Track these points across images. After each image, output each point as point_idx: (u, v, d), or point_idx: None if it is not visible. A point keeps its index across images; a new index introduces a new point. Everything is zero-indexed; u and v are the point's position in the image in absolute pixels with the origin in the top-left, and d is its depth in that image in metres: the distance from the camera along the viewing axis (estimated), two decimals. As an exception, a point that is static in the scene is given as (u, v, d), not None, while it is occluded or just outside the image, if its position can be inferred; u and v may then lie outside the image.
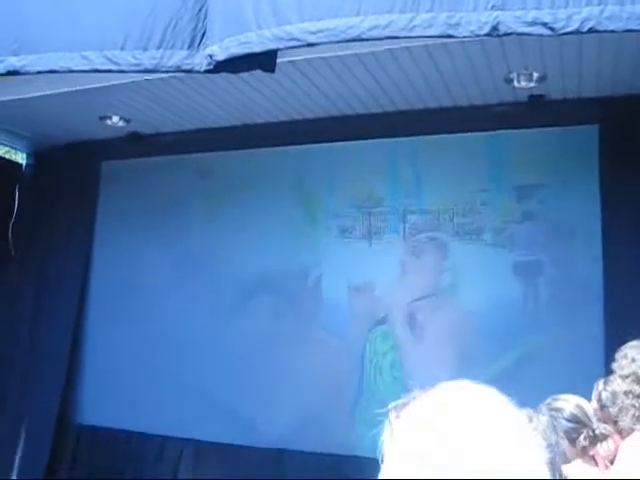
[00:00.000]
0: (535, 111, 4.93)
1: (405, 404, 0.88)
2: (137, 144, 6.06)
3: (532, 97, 4.88)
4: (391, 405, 0.89)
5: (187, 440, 5.68)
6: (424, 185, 5.35)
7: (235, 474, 5.39)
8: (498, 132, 5.11)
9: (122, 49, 3.69)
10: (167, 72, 3.70)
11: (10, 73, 3.99)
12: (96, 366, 6.22)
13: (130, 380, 5.97)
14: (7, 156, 7.20)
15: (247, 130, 5.71)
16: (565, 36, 2.83)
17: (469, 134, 5.20)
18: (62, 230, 6.32)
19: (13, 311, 6.29)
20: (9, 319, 6.26)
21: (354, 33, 3.04)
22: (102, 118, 5.64)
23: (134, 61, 3.67)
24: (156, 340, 5.96)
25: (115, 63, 3.72)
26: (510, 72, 4.54)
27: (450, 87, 4.82)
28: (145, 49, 3.64)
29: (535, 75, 4.56)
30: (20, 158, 6.95)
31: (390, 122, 5.31)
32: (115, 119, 5.68)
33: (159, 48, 3.58)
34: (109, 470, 5.86)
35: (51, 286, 6.26)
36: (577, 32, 2.69)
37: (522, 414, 0.85)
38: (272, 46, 3.25)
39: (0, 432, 6.10)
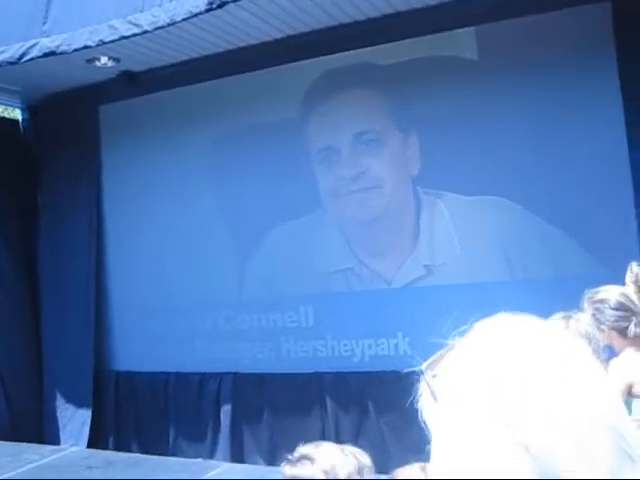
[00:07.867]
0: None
1: (439, 359, 0.76)
2: (131, 83, 5.85)
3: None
4: (424, 365, 0.76)
5: (224, 374, 5.68)
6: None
7: (274, 401, 5.46)
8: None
9: (141, 11, 3.99)
10: (183, 20, 3.98)
11: (46, 55, 4.41)
12: (123, 312, 6.20)
13: (159, 321, 5.94)
14: (5, 114, 7.08)
15: (244, 53, 5.45)
16: None
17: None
18: (69, 178, 6.23)
19: (33, 273, 6.29)
20: (29, 277, 6.25)
21: None
22: (89, 61, 5.38)
23: (153, 19, 3.97)
24: (175, 274, 5.92)
25: (137, 26, 4.01)
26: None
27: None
28: (160, 5, 3.91)
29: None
30: (18, 115, 6.81)
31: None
32: (104, 60, 5.43)
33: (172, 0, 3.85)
34: (153, 412, 5.93)
35: (65, 235, 6.23)
36: None
37: (556, 322, 0.74)
38: None
39: (42, 388, 6.19)
